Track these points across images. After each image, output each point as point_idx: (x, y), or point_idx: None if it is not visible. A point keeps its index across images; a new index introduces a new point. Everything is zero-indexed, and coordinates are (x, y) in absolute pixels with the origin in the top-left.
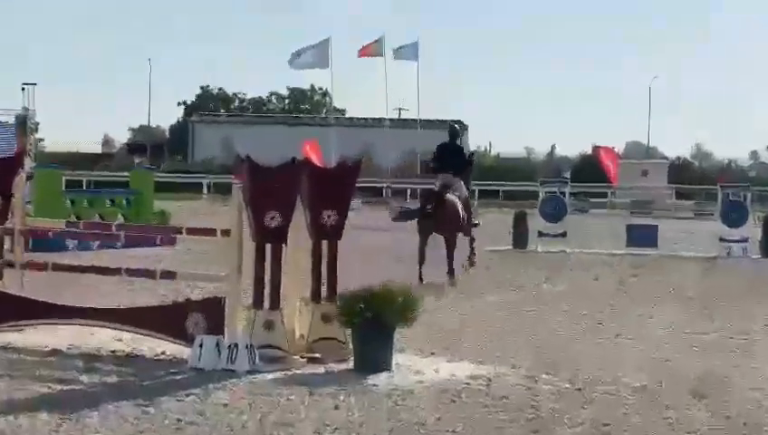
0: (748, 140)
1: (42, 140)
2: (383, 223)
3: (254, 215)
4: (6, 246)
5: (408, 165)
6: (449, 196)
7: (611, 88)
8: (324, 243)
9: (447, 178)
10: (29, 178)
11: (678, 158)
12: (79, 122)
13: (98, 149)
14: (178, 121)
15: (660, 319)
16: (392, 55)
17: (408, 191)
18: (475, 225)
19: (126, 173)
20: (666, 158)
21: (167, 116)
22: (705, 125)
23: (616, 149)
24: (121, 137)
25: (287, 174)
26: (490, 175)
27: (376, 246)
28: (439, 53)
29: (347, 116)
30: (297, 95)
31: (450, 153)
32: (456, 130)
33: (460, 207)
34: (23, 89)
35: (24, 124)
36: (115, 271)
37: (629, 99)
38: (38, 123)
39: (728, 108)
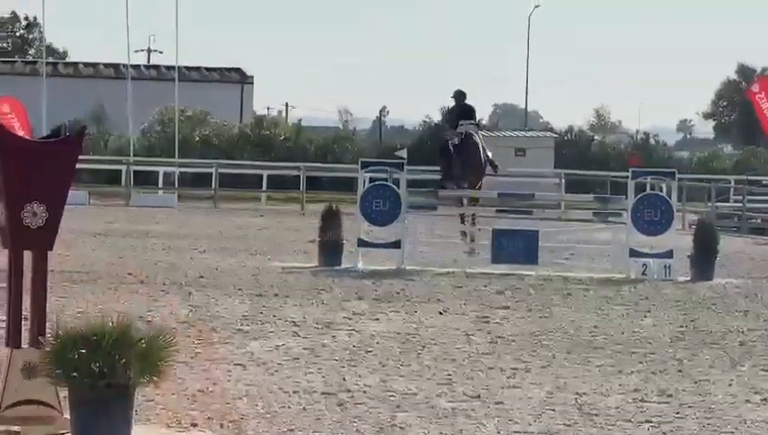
0: (676, 106)
1: None
2: (122, 224)
3: None
4: None
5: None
6: (475, 136)
7: (468, 23)
8: (27, 255)
9: (470, 127)
10: None
11: (571, 129)
12: None
13: None
14: None
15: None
16: None
17: (167, 174)
18: (495, 166)
19: None
20: (552, 130)
21: None
22: (610, 82)
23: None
24: None
25: None
26: (290, 150)
27: (112, 260)
28: None
29: (68, 60)
30: None
31: (463, 114)
32: (462, 93)
33: (482, 147)
34: None
35: None
36: None
37: (500, 38)
38: None
39: (647, 56)
